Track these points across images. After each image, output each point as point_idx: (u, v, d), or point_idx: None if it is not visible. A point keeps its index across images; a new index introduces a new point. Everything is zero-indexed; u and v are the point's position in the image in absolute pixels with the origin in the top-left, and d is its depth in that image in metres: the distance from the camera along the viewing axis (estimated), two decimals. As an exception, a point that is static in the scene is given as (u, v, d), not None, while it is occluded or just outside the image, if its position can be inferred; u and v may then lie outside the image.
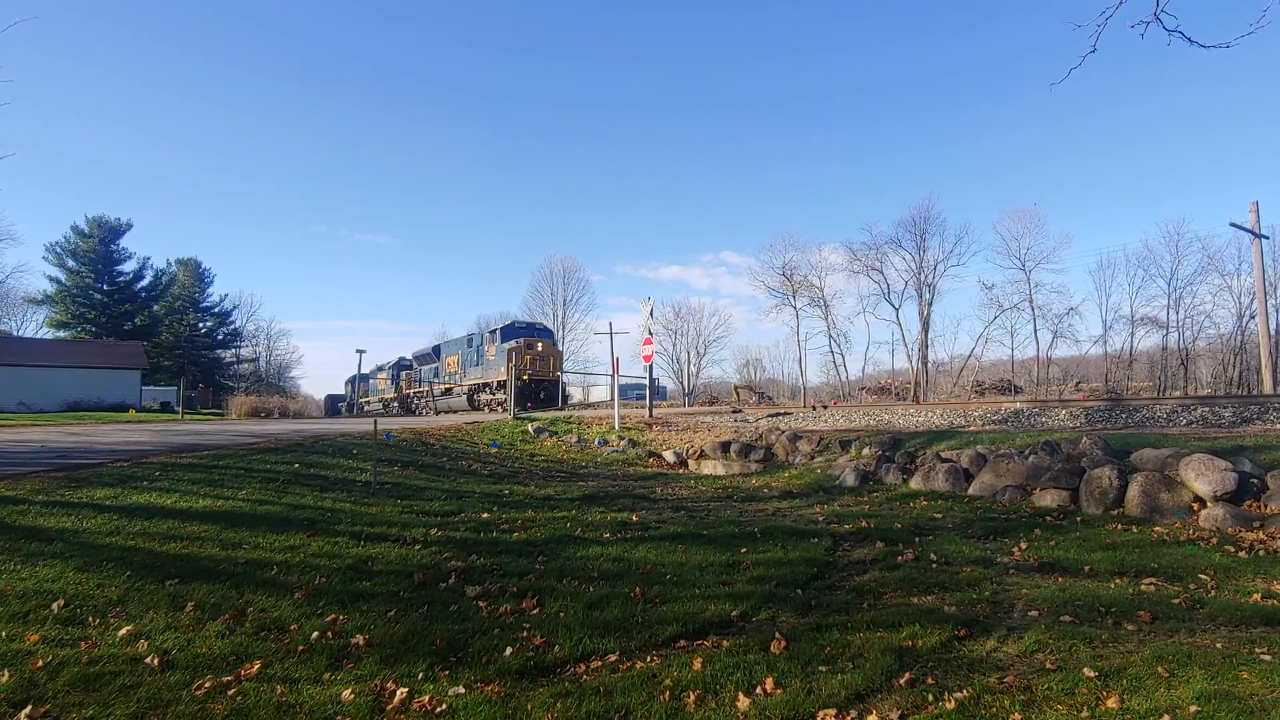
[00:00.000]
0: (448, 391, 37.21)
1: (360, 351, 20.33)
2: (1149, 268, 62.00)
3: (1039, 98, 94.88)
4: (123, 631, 3.98)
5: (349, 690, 3.37)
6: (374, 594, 4.84)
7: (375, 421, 10.18)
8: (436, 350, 41.55)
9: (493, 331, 32.69)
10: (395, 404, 46.24)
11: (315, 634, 4.07)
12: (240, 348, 77.45)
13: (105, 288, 62.05)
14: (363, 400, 52.43)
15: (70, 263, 61.12)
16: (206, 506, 6.82)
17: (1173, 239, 47.83)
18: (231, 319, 75.13)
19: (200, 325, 69.68)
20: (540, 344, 30.20)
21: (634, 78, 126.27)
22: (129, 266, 64.08)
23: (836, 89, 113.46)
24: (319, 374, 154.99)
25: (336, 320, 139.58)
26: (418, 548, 6.02)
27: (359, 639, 4.00)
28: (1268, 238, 28.23)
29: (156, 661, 3.64)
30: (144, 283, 65.51)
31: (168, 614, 4.27)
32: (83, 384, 40.56)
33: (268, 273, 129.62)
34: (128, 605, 4.37)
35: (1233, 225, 26.45)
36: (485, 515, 7.46)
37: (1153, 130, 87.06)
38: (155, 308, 65.87)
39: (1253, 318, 40.22)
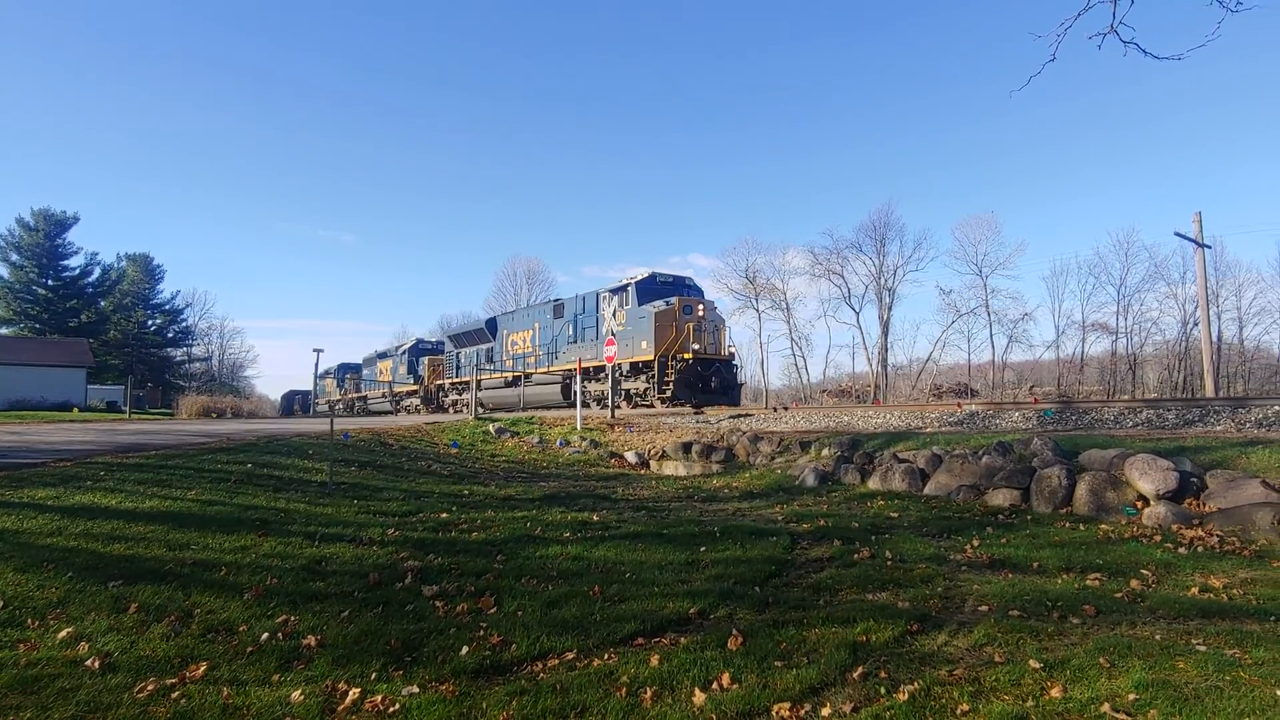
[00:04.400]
0: (515, 380, 27.37)
1: (318, 351, 19.66)
2: (1100, 275, 63.95)
3: (998, 106, 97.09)
4: (63, 634, 3.86)
5: (299, 691, 3.30)
6: (327, 594, 4.76)
7: (331, 421, 10.01)
8: (492, 324, 31.25)
9: (617, 289, 22.90)
10: (411, 399, 37.47)
11: (265, 635, 3.98)
12: (192, 346, 75.63)
13: (50, 283, 60.08)
14: (352, 397, 47.11)
15: (14, 257, 59.11)
16: (153, 507, 6.64)
17: (1122, 247, 49.49)
18: (183, 317, 73.35)
19: (150, 323, 67.84)
20: (701, 306, 21.14)
21: (600, 78, 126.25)
22: (75, 261, 62.32)
23: (803, 92, 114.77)
24: (276, 374, 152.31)
25: (295, 319, 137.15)
26: (374, 548, 5.93)
27: (311, 639, 3.93)
28: (1210, 247, 29.28)
29: (97, 664, 3.53)
30: (91, 278, 63.62)
31: (110, 616, 4.16)
32: (25, 382, 39.20)
33: (223, 270, 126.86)
34: (68, 607, 4.24)
35: (1178, 235, 27.41)
36: (444, 515, 7.38)
37: (1104, 141, 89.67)
38: (103, 304, 63.98)
39: (1196, 325, 41.69)
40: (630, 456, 14.13)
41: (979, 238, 53.39)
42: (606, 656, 3.83)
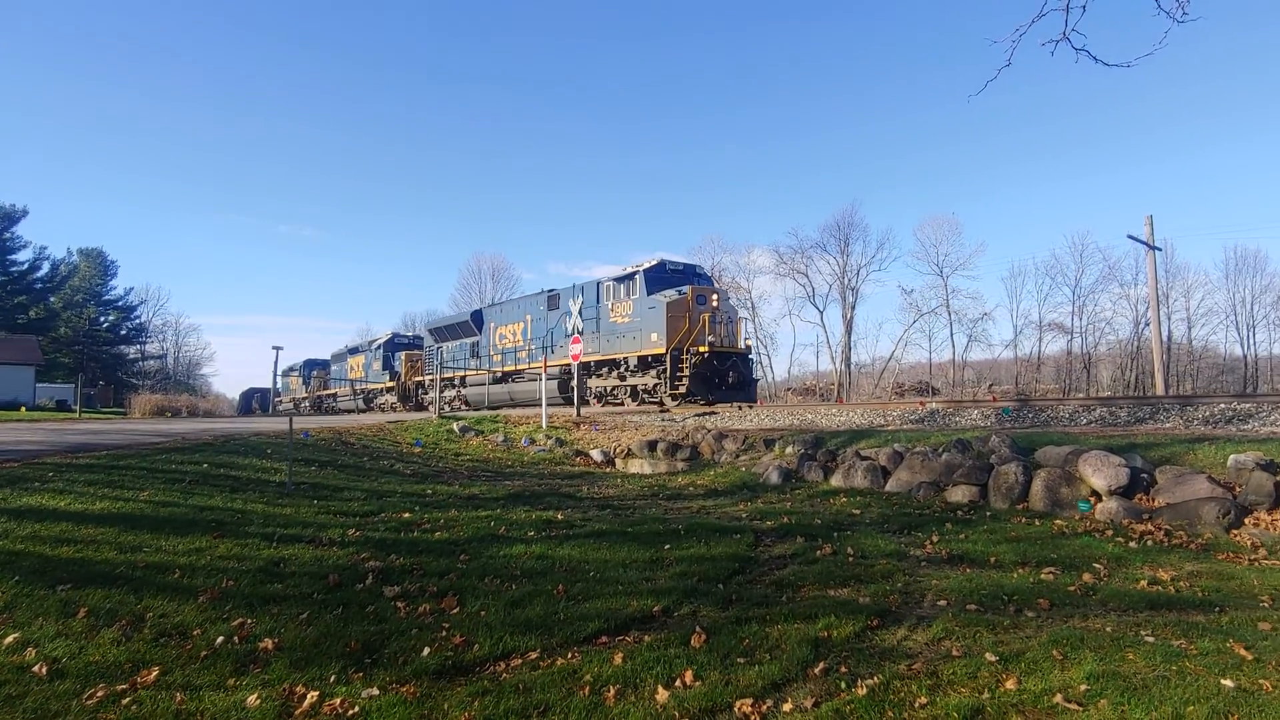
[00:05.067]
0: (505, 377, 25.65)
1: (277, 348, 19.26)
2: (1056, 276, 65.63)
3: (960, 109, 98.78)
4: (9, 639, 3.74)
5: (255, 695, 3.24)
6: (286, 596, 4.67)
7: (290, 420, 9.83)
8: (477, 317, 28.87)
9: (623, 278, 21.01)
10: (386, 396, 35.78)
11: (220, 638, 3.89)
12: (145, 343, 73.69)
13: (-3, 278, 58.05)
14: (320, 394, 44.96)
15: (-43, 251, 56.95)
16: (104, 509, 6.47)
17: (1078, 249, 50.80)
18: (137, 313, 71.45)
19: (102, 319, 65.96)
20: (715, 295, 19.54)
21: (568, 71, 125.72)
22: (24, 256, 60.18)
23: (768, 91, 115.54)
24: (234, 372, 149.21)
25: (253, 316, 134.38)
26: (334, 549, 5.84)
27: (268, 642, 3.85)
28: (1160, 250, 30.17)
29: (45, 670, 3.43)
30: (41, 273, 61.65)
31: (58, 621, 4.03)
32: (-31, 381, 37.86)
33: (179, 265, 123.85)
34: (14, 612, 4.11)
35: (1130, 237, 28.17)
36: (407, 515, 7.29)
37: (1061, 145, 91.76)
38: (52, 300, 62.00)
39: (1147, 325, 42.91)
40: (596, 455, 14.11)
41: (940, 238, 54.37)
42: (570, 655, 3.82)
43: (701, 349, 18.42)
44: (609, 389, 21.67)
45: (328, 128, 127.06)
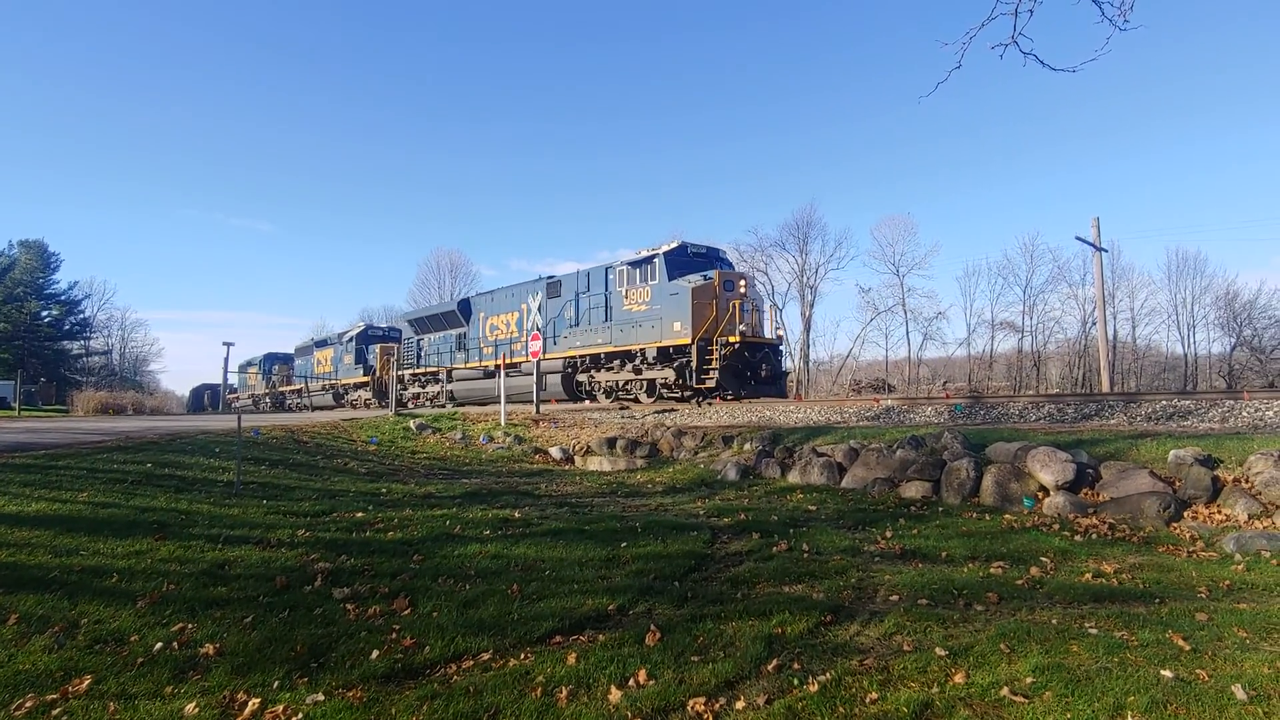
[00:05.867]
0: (498, 371, 22.27)
1: (228, 344, 18.56)
2: (1008, 276, 67.23)
3: (913, 112, 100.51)
4: (-72, 650, 3.56)
5: (193, 704, 3.13)
6: (230, 600, 4.53)
7: (239, 417, 9.58)
8: (465, 306, 27.12)
9: (639, 263, 19.32)
10: (359, 392, 33.85)
11: (158, 645, 3.76)
12: (90, 339, 71.21)
13: (-70, 271, 55.64)
14: (283, 390, 42.93)
15: (-113, 242, 54.39)
16: (40, 510, 6.23)
17: (1028, 250, 52.03)
18: (80, 308, 68.93)
19: (44, 314, 63.58)
20: (744, 281, 18.18)
21: (527, 66, 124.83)
22: (-42, 248, 57.73)
23: (726, 88, 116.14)
24: (184, 368, 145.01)
25: (204, 311, 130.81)
26: (283, 550, 5.70)
27: (209, 648, 3.73)
28: (1107, 251, 31.02)
29: (-33, 682, 3.27)
30: (-24, 266, 59.17)
31: (-15, 629, 3.85)
32: (-101, 377, 36.19)
33: (124, 259, 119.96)
34: (-64, 621, 3.91)
35: (1078, 239, 29.04)
36: (360, 515, 7.15)
37: (1012, 147, 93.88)
38: (-10, 293, 59.59)
39: (1094, 324, 44.17)
40: (555, 452, 14.03)
41: (896, 238, 55.22)
42: (523, 656, 3.77)
43: (732, 339, 16.98)
44: (621, 383, 19.96)
45: (280, 122, 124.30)
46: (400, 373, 30.28)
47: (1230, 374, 46.93)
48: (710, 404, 17.26)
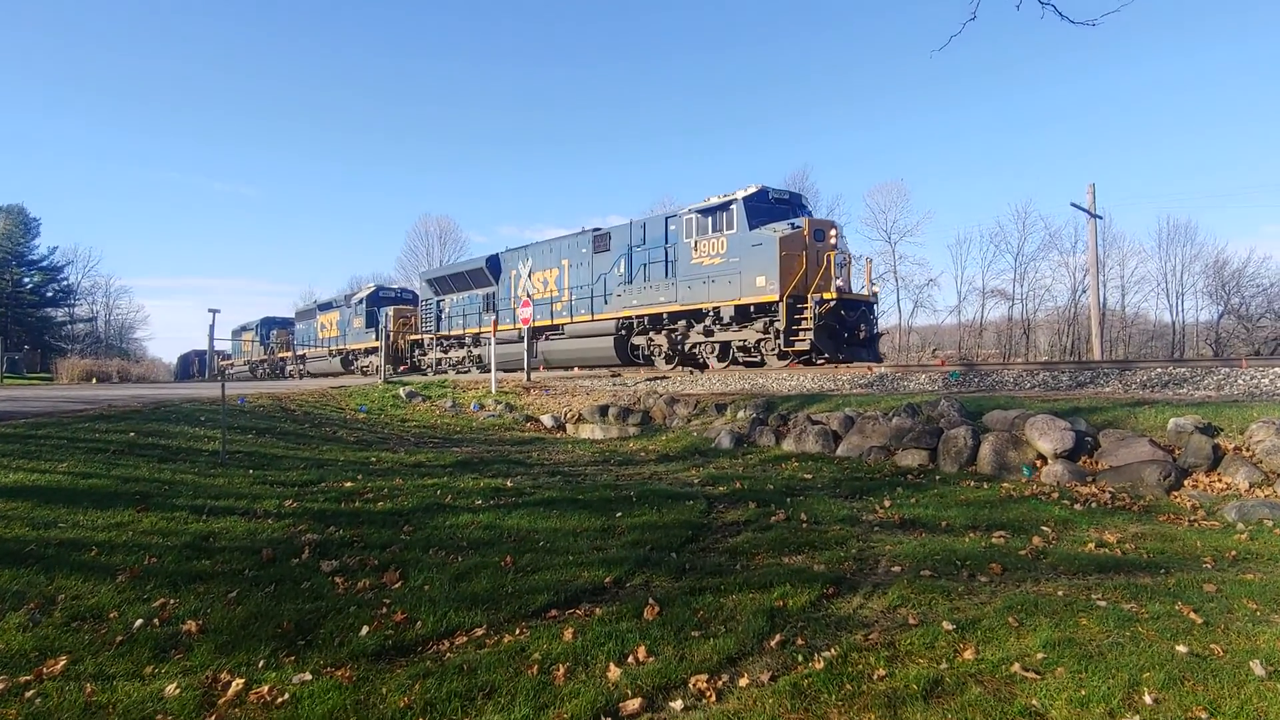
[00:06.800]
0: (536, 335, 21.50)
1: (214, 310, 18.18)
2: (999, 244, 67.10)
3: (913, 76, 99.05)
4: (-105, 629, 3.41)
5: (174, 684, 2.99)
6: (214, 574, 4.40)
7: (223, 384, 9.38)
8: (494, 264, 24.80)
9: (711, 210, 17.23)
10: (371, 358, 30.99)
11: (139, 622, 3.63)
12: (74, 306, 70.25)
13: (-93, 236, 54.51)
14: (282, 356, 40.57)
15: None
16: (17, 481, 6.07)
17: (1020, 217, 51.81)
18: (64, 274, 67.85)
19: (26, 280, 62.55)
20: (834, 231, 16.32)
21: (517, 22, 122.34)
22: (-66, 212, 56.53)
23: (719, 54, 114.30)
24: (171, 335, 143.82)
25: (190, 278, 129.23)
26: (269, 521, 5.56)
27: (191, 625, 3.59)
28: (1102, 218, 30.88)
29: (-64, 662, 3.12)
30: (-46, 231, 58.01)
31: (-44, 606, 3.70)
32: (-122, 344, 35.58)
33: (108, 224, 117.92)
34: (-95, 597, 3.76)
35: (1073, 205, 28.83)
36: (348, 484, 7.01)
37: (1007, 113, 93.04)
38: (-31, 260, 58.56)
39: (1084, 292, 44.25)
40: (546, 420, 13.91)
41: (889, 204, 54.81)
42: (518, 631, 3.66)
43: (828, 295, 15.30)
44: (688, 347, 18.14)
45: (266, 80, 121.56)
46: (419, 336, 29.07)
47: (1217, 342, 47.21)
48: (703, 371, 17.11)
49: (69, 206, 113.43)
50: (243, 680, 3.05)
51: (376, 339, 30.90)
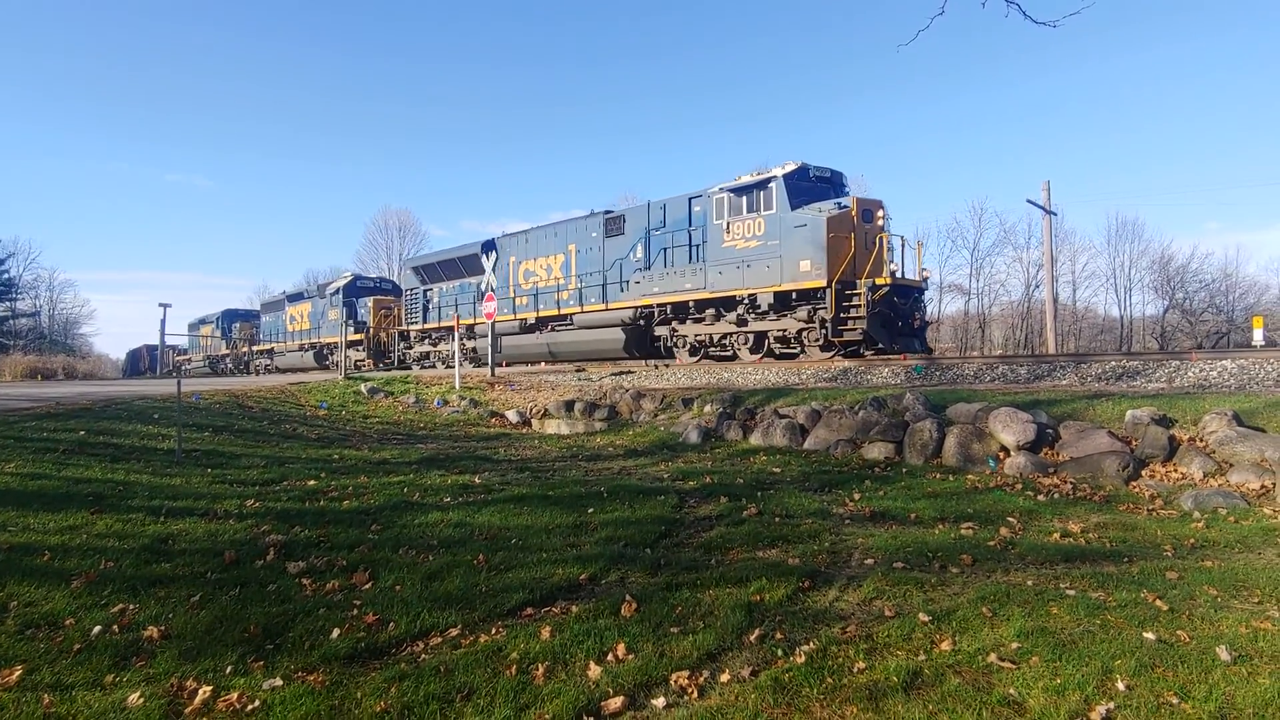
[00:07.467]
0: (539, 324, 20.72)
1: (164, 305, 17.52)
2: (956, 239, 68.23)
3: (873, 73, 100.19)
4: None
5: (137, 693, 2.88)
6: (174, 578, 4.25)
7: (179, 381, 9.11)
8: (490, 249, 23.54)
9: (746, 189, 16.12)
10: (351, 352, 28.48)
11: (97, 629, 3.48)
12: (15, 301, 67.64)
13: None
14: (248, 351, 37.97)
15: None
16: (-40, 483, 5.79)
17: (977, 214, 52.76)
18: (4, 268, 65.36)
19: (-39, 274, 60.15)
20: (881, 211, 15.40)
21: (476, 12, 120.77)
22: None
23: (679, 46, 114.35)
24: (119, 331, 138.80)
25: (139, 271, 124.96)
26: (231, 521, 5.40)
27: (153, 631, 3.46)
28: (1056, 214, 31.60)
29: (-122, 676, 2.96)
30: (-115, 222, 55.46)
31: (-102, 616, 3.52)
32: None
33: (50, 216, 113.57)
34: None
35: (1029, 201, 29.51)
36: (312, 483, 6.86)
37: (964, 110, 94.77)
38: (-98, 252, 56.04)
39: (1039, 287, 45.33)
40: (511, 415, 13.80)
41: (850, 200, 55.42)
42: (494, 631, 3.60)
43: (880, 280, 14.38)
44: (715, 338, 17.02)
45: (217, 71, 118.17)
46: (405, 328, 27.59)
47: (1163, 335, 48.81)
48: (668, 366, 17.07)
49: (6, 198, 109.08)
50: (210, 687, 2.94)
51: (356, 331, 29.66)
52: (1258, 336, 24.95)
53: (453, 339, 18.33)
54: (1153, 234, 67.66)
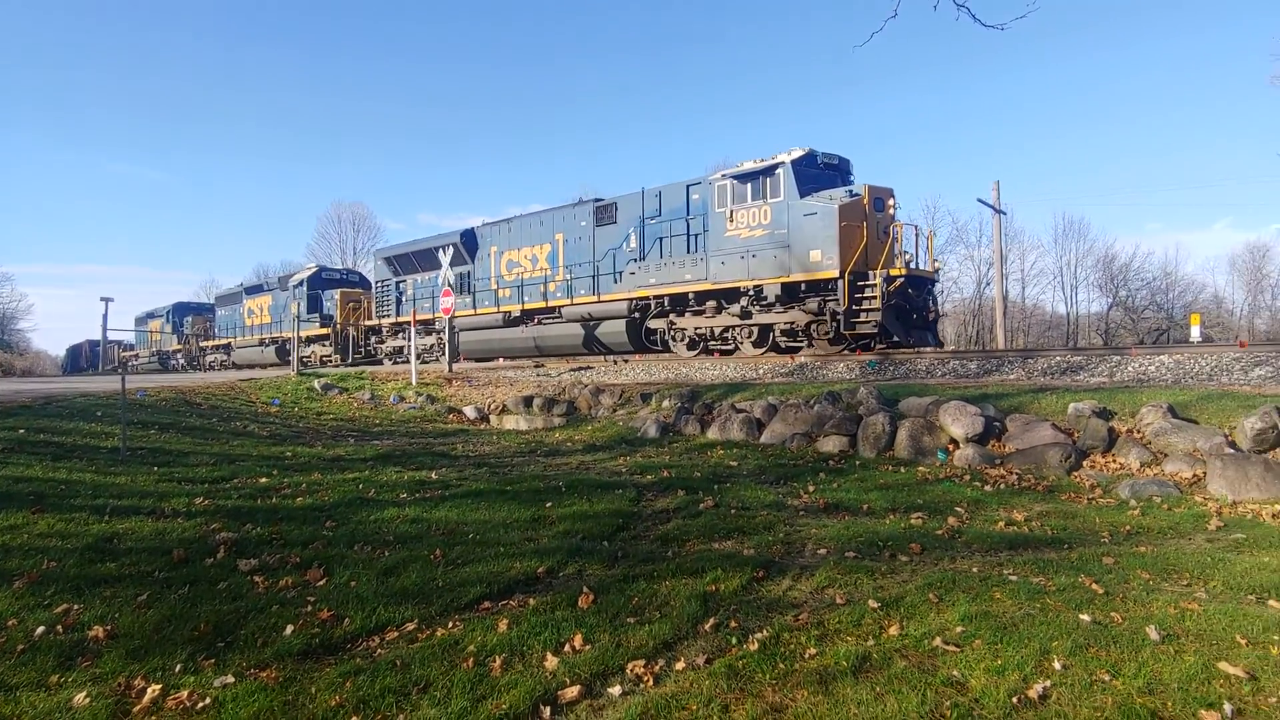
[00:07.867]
0: (522, 318, 20.04)
1: (106, 300, 16.94)
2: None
3: (825, 75, 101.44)
4: None
5: (83, 693, 2.82)
6: (120, 577, 4.16)
7: (123, 377, 8.87)
8: (470, 239, 22.61)
9: (751, 175, 15.58)
10: (316, 346, 28.41)
11: (40, 629, 3.40)
12: (-52, 294, 64.88)
13: None
14: (201, 346, 36.64)
15: None
16: (-110, 483, 5.57)
17: (930, 212, 53.75)
18: (-65, 260, 62.60)
19: (-109, 267, 57.43)
20: (892, 200, 15.00)
21: (421, 20, 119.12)
22: None
23: (631, 44, 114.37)
24: (60, 326, 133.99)
25: (84, 265, 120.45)
26: (179, 520, 5.29)
27: (98, 630, 3.39)
28: (1005, 214, 32.39)
29: None
30: None
31: None
32: None
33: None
34: None
35: (979, 201, 30.21)
36: (264, 480, 6.74)
37: (915, 114, 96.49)
38: None
39: (989, 284, 46.45)
40: (469, 411, 13.69)
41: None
42: (451, 625, 3.60)
43: (895, 271, 13.95)
44: (715, 331, 16.41)
45: (167, 61, 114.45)
46: (376, 322, 26.53)
47: (1107, 331, 50.46)
48: (626, 361, 17.10)
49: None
50: (159, 686, 2.90)
51: (322, 325, 28.62)
52: (1195, 333, 25.99)
53: (410, 333, 17.71)
54: (1097, 233, 70.09)
